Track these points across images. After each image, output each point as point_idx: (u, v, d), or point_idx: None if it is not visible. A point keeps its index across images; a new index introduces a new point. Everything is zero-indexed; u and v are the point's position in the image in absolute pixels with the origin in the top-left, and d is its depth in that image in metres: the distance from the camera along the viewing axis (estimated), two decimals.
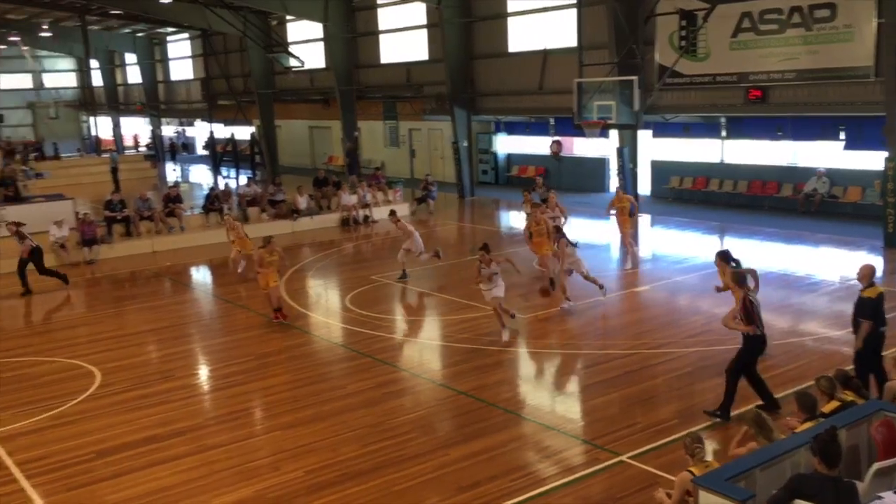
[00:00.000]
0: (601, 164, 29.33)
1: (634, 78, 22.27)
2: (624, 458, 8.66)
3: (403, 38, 34.17)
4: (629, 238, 17.98)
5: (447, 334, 13.57)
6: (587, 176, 29.36)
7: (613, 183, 27.10)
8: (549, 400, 10.76)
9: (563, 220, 17.84)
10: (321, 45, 37.02)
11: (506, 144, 33.09)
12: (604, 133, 24.86)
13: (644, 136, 26.06)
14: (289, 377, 11.81)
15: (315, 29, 36.94)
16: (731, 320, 9.53)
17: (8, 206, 23.89)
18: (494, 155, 33.00)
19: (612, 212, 18.07)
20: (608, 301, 14.82)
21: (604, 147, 28.22)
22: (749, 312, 9.26)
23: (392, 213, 18.61)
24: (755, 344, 9.45)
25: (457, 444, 9.26)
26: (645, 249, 19.59)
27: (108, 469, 9.00)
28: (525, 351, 12.63)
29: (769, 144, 24.45)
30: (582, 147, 29.98)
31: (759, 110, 22.75)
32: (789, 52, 21.36)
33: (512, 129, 32.63)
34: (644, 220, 23.84)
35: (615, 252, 19.25)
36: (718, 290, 12.06)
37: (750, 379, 9.61)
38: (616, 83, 22.89)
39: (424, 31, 33.02)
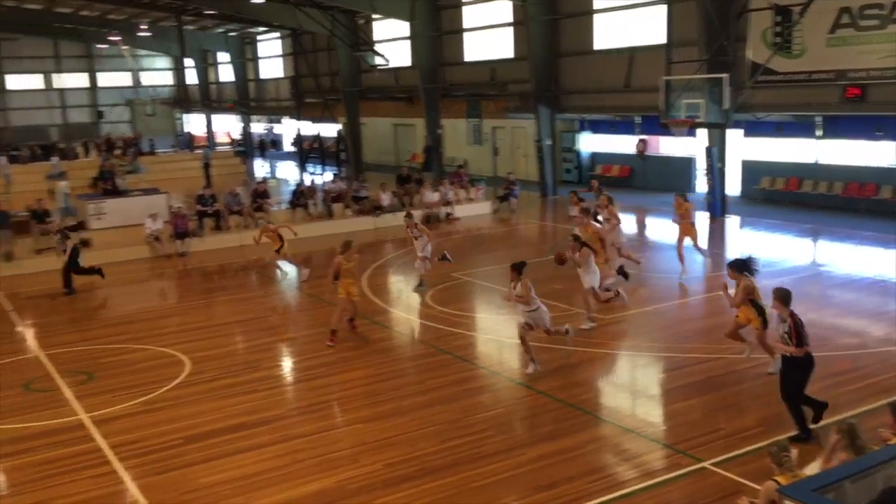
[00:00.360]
0: (688, 163, 28.70)
1: (725, 76, 21.71)
2: (706, 464, 8.48)
3: (488, 36, 34.17)
4: (696, 244, 16.65)
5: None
6: (673, 175, 28.77)
7: (700, 183, 26.49)
8: (630, 402, 10.62)
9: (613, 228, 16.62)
10: (406, 43, 37.36)
11: (590, 143, 32.72)
12: (691, 132, 24.33)
13: (734, 136, 25.37)
14: (369, 371, 11.98)
15: (401, 27, 37.30)
16: (774, 341, 8.82)
17: (108, 199, 24.93)
18: (578, 153, 32.69)
19: (677, 218, 16.74)
20: (693, 303, 14.51)
21: (691, 146, 27.60)
22: (801, 333, 8.56)
23: (408, 215, 17.47)
24: (807, 366, 8.76)
25: (534, 443, 9.23)
26: (733, 251, 19.08)
27: (196, 454, 9.32)
28: (606, 352, 12.48)
29: (867, 145, 23.45)
30: (668, 146, 29.40)
31: (856, 109, 21.87)
32: (891, 49, 20.46)
33: (596, 127, 32.25)
34: (733, 221, 23.23)
35: (698, 254, 18.76)
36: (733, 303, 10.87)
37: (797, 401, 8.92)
38: (705, 81, 22.35)
39: (509, 29, 32.96)
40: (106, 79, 59.70)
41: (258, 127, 57.23)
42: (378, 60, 35.34)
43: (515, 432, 9.63)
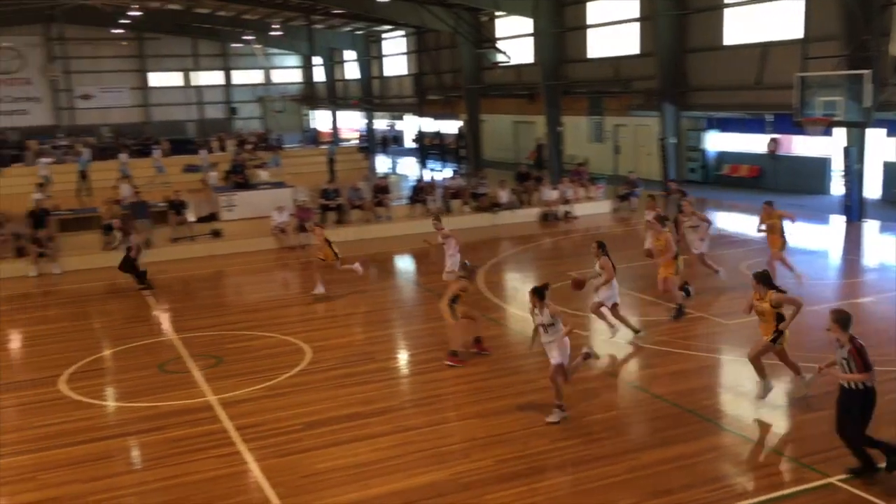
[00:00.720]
0: (822, 164, 27.32)
1: (867, 72, 20.50)
2: (833, 480, 8.05)
3: (613, 32, 33.59)
4: (779, 257, 15.16)
5: (644, 335, 13.22)
6: (806, 177, 27.45)
7: (836, 185, 25.17)
8: (752, 411, 10.19)
9: (703, 233, 15.73)
10: (529, 40, 37.20)
11: (717, 142, 31.64)
12: (827, 131, 23.13)
13: (875, 136, 23.95)
14: (483, 367, 12.01)
15: (524, 24, 37.18)
16: (833, 369, 7.99)
17: (238, 192, 26.04)
18: (703, 152, 31.67)
19: (763, 227, 15.40)
20: (821, 312, 13.76)
21: (827, 146, 26.25)
22: (865, 358, 7.75)
23: (436, 218, 17.10)
24: (870, 398, 7.89)
25: (650, 448, 9.02)
26: (871, 258, 18.04)
27: (314, 440, 9.61)
28: (728, 358, 12.05)
29: None
30: (801, 146, 28.07)
31: None
32: None
33: (725, 125, 31.14)
34: (871, 226, 21.95)
35: (833, 259, 17.84)
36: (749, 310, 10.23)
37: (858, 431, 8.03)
38: (844, 78, 21.18)
39: (635, 25, 32.29)
40: (239, 76, 62.32)
41: (381, 124, 58.39)
42: (500, 58, 35.41)
43: (630, 436, 9.44)
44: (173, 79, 60.38)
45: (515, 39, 38.79)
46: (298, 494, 8.34)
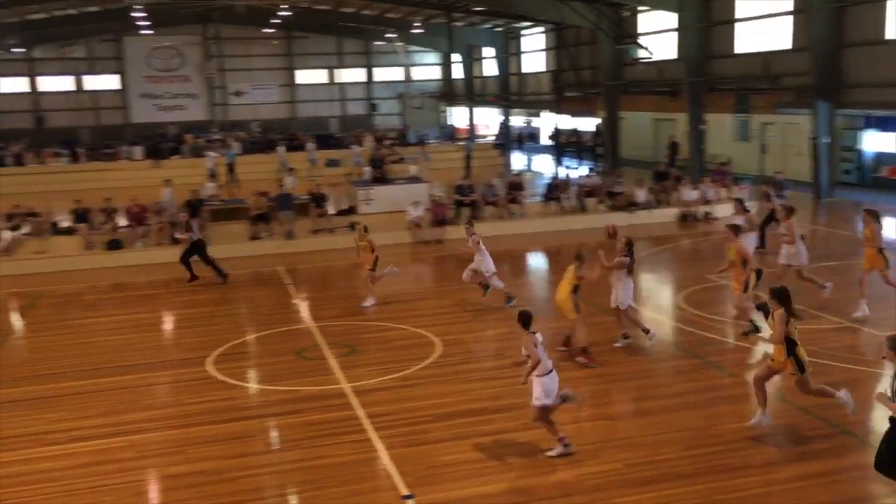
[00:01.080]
0: None
1: None
2: None
3: (762, 27, 32.11)
4: (886, 277, 13.58)
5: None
6: None
7: None
8: None
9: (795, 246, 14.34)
10: (672, 35, 36.14)
11: (875, 142, 29.67)
12: None
13: None
14: (616, 370, 11.81)
15: (667, 19, 36.16)
16: (885, 399, 7.11)
17: (376, 186, 26.73)
18: (859, 153, 29.79)
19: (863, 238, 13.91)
20: None
21: None
22: None
23: (469, 223, 16.72)
24: None
25: (789, 461, 8.61)
26: None
27: (442, 432, 9.75)
28: (879, 371, 11.31)
29: None
30: None
31: None
32: None
33: (884, 124, 29.15)
34: None
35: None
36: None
37: None
38: None
39: (787, 18, 30.74)
40: (380, 74, 63.84)
41: (517, 120, 58.33)
42: (642, 53, 34.62)
43: (769, 447, 9.03)
44: (318, 76, 62.55)
45: (658, 35, 37.79)
46: (425, 484, 8.49)
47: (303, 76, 62.04)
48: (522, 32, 54.55)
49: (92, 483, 8.81)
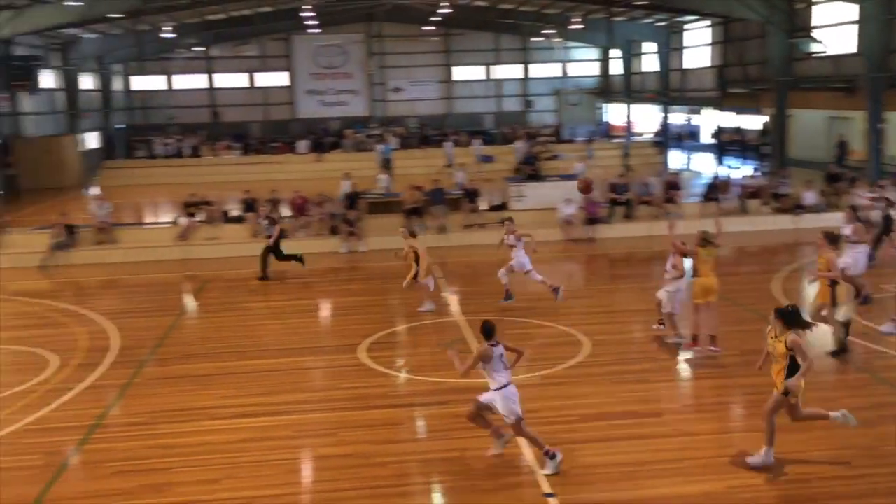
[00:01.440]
0: None
1: None
2: None
3: None
4: None
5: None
6: None
7: None
8: None
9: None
10: (851, 28, 33.82)
11: None
12: None
13: None
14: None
15: (846, 11, 33.87)
16: None
17: (528, 183, 26.68)
18: None
19: None
20: None
21: None
22: None
23: (509, 219, 16.20)
24: None
25: None
26: None
27: (588, 433, 9.64)
28: None
29: None
30: None
31: None
32: None
33: None
34: None
35: None
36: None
37: None
38: None
39: None
40: (536, 70, 63.64)
41: (677, 118, 56.55)
42: (815, 47, 32.62)
43: None
44: (475, 73, 63.14)
45: (835, 27, 35.49)
46: (568, 484, 8.42)
47: (459, 73, 62.82)
48: (686, 27, 52.78)
49: (252, 458, 9.35)
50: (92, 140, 49.27)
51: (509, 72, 63.46)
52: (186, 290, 18.43)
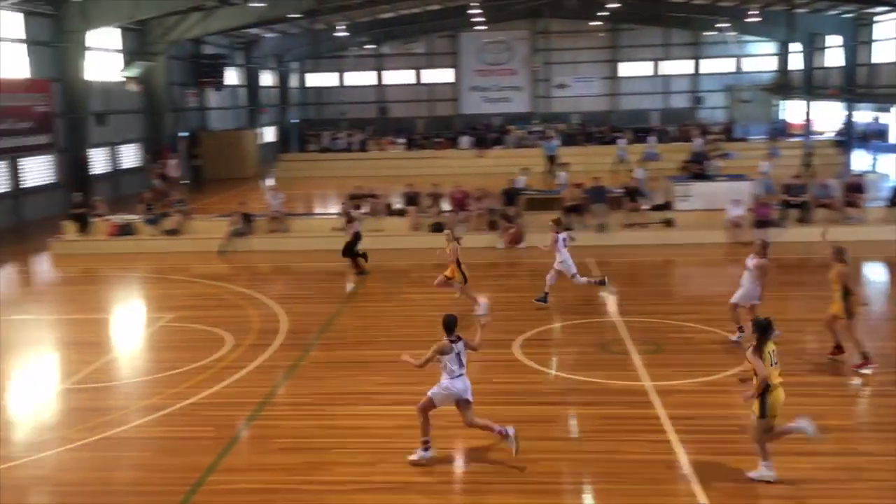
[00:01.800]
0: None
1: None
2: None
3: None
4: None
5: None
6: None
7: None
8: None
9: None
10: None
11: None
12: None
13: None
14: None
15: None
16: None
17: (694, 182, 25.71)
18: None
19: None
20: None
21: None
22: None
23: (557, 221, 16.15)
24: None
25: None
26: None
27: (749, 446, 9.17)
28: None
29: None
30: None
31: None
32: None
33: None
34: None
35: None
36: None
37: None
38: None
39: None
40: (707, 65, 61.27)
41: (862, 116, 52.74)
42: None
43: None
44: (642, 68, 61.64)
45: None
46: (727, 497, 8.09)
47: (625, 68, 61.53)
48: (875, 19, 49.08)
49: (405, 444, 9.59)
50: (269, 134, 52.25)
51: (678, 67, 61.56)
52: (350, 280, 19.15)
